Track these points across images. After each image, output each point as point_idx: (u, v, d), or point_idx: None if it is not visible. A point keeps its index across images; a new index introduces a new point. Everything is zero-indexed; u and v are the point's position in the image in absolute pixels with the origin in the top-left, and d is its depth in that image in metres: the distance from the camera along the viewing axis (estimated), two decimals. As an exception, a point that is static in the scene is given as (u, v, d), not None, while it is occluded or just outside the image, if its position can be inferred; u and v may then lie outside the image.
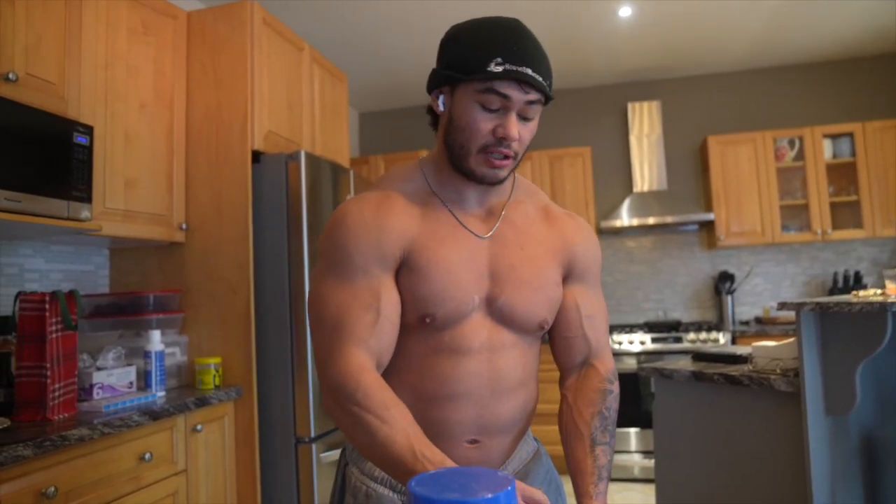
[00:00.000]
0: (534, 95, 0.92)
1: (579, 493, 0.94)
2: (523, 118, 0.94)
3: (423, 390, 0.97)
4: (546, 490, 1.06)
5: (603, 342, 1.08)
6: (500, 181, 0.99)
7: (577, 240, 1.07)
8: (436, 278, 0.94)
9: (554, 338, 1.08)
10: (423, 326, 0.96)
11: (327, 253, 0.96)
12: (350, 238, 0.94)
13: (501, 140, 0.93)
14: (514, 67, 0.89)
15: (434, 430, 0.95)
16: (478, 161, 0.95)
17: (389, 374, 0.97)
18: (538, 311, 1.00)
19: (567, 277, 1.07)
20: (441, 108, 0.98)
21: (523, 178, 1.12)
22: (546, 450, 1.14)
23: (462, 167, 0.97)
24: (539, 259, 1.02)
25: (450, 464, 0.80)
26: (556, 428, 1.06)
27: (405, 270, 0.96)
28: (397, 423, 0.84)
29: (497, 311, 0.98)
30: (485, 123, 0.93)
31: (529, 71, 0.90)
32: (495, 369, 0.98)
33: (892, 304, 1.62)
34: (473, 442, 0.98)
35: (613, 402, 1.03)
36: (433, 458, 0.80)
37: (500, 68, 0.89)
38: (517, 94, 0.91)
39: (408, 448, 0.81)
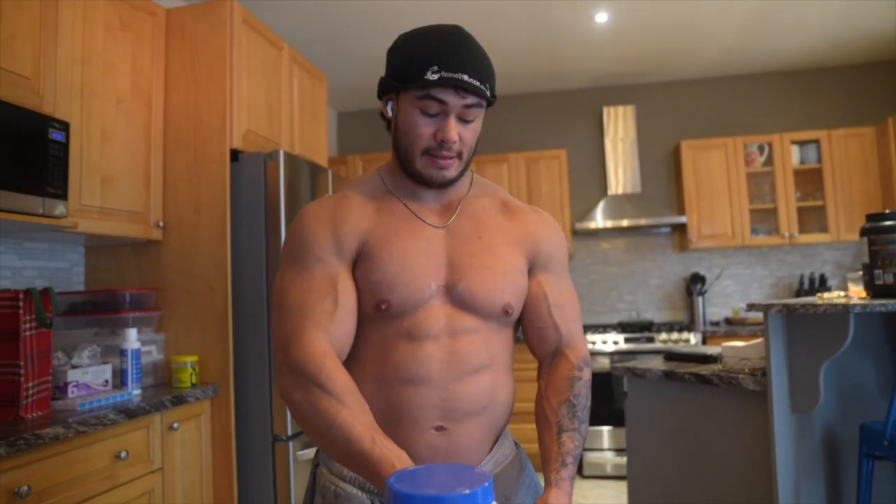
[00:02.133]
0: (471, 99, 0.97)
1: (546, 481, 0.97)
2: (464, 121, 0.99)
3: (384, 377, 0.99)
4: (532, 500, 1.06)
5: (573, 329, 1.10)
6: (449, 181, 1.03)
7: (538, 230, 1.11)
8: (388, 264, 0.99)
9: (526, 328, 1.11)
10: (380, 314, 0.99)
11: (289, 247, 1.03)
12: (309, 231, 1.01)
13: (442, 143, 0.98)
14: (450, 74, 0.94)
15: (398, 416, 0.97)
16: (423, 163, 1.01)
17: (352, 364, 1.00)
18: (500, 295, 1.02)
19: (533, 267, 1.09)
20: (389, 113, 1.04)
21: (482, 177, 1.16)
22: (527, 453, 1.15)
23: (410, 170, 1.03)
24: (499, 247, 1.05)
25: (405, 456, 0.82)
26: (535, 426, 1.08)
27: (361, 260, 1.01)
28: (358, 407, 0.87)
29: (457, 298, 1.01)
30: (425, 128, 0.98)
31: (465, 77, 0.94)
32: (454, 352, 0.99)
33: (854, 305, 1.68)
34: (440, 429, 0.99)
35: (582, 388, 1.05)
36: (391, 446, 0.83)
37: (435, 76, 0.94)
38: (454, 100, 0.96)
39: (367, 434, 0.84)
